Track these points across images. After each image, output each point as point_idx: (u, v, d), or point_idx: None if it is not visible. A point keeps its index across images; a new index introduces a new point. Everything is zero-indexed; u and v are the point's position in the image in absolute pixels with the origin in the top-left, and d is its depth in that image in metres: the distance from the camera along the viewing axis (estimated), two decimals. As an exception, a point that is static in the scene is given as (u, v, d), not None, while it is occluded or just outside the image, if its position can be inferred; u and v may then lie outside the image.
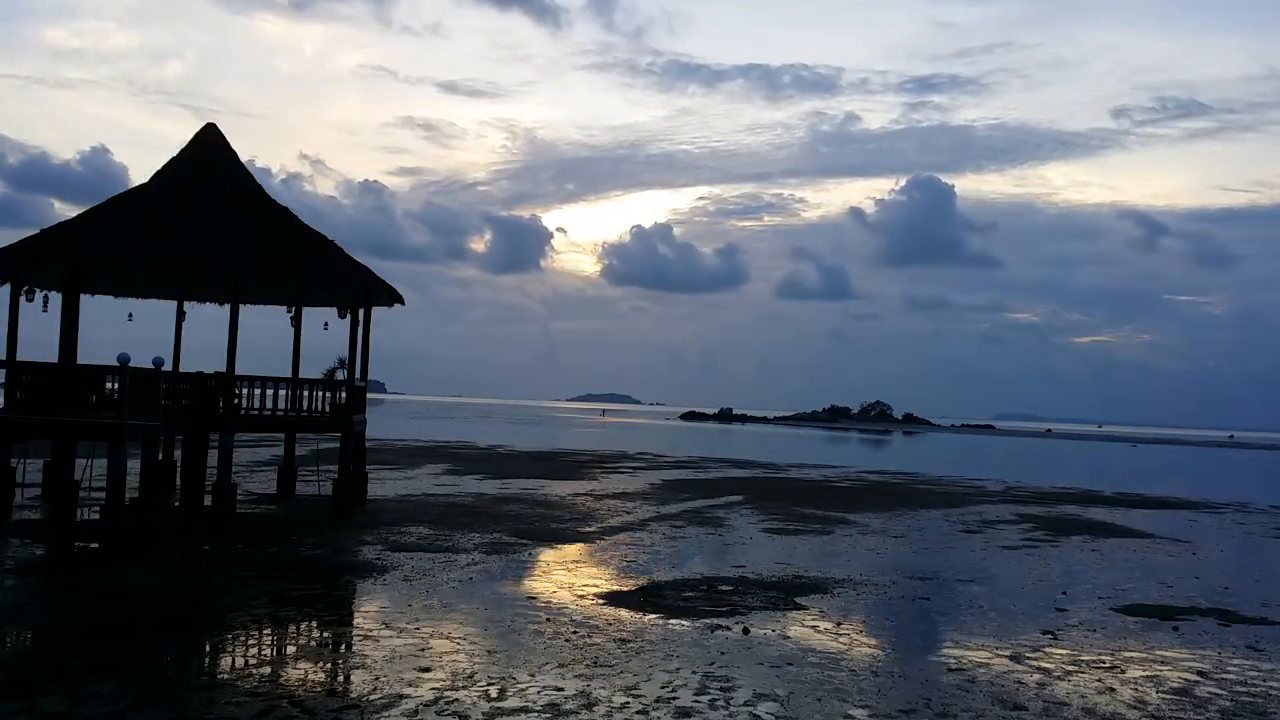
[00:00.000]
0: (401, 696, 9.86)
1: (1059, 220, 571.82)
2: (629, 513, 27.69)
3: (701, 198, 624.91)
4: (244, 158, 25.93)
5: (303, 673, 10.72)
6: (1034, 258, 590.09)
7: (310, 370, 30.58)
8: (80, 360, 22.57)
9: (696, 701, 10.14)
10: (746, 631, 13.47)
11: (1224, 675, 12.25)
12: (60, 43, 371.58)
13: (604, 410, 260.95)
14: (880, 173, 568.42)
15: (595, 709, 9.73)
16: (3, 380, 19.35)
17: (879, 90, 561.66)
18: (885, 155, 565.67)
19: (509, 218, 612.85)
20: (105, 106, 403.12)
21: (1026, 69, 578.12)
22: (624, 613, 14.43)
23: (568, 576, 17.38)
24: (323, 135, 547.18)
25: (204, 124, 26.18)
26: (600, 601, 15.23)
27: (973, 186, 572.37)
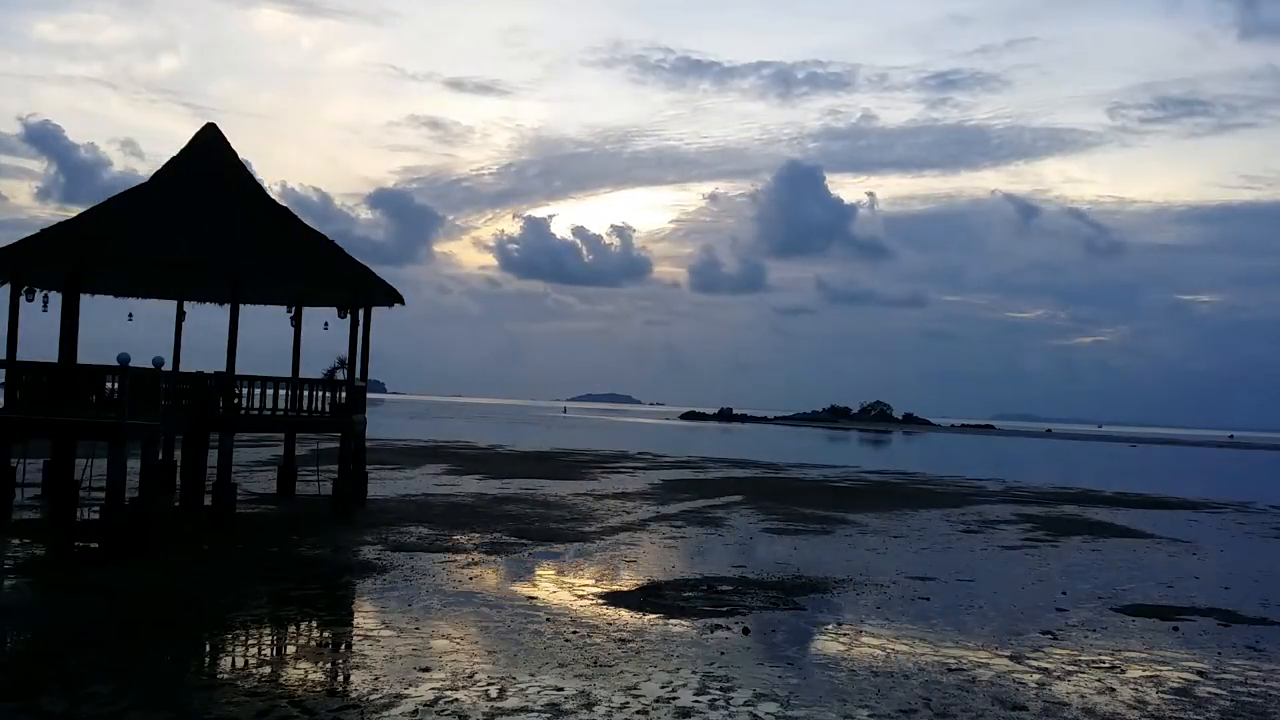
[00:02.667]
0: (401, 696, 9.86)
1: (1057, 217, 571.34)
2: (629, 513, 27.69)
3: (707, 195, 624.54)
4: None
5: (303, 673, 10.72)
6: (1034, 255, 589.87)
7: (310, 370, 30.57)
8: (80, 360, 22.58)
9: (696, 701, 10.14)
10: (746, 631, 13.48)
11: (1224, 675, 12.25)
12: (50, 36, 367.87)
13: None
14: (887, 170, 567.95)
15: (595, 709, 9.74)
16: (3, 380, 19.35)
17: (872, 88, 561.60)
18: (871, 152, 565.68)
19: (513, 216, 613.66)
20: (97, 102, 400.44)
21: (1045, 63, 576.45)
22: (624, 613, 14.44)
23: (568, 576, 17.38)
24: (321, 132, 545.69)
25: (205, 123, 26.19)
26: (600, 601, 15.23)
27: (969, 183, 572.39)
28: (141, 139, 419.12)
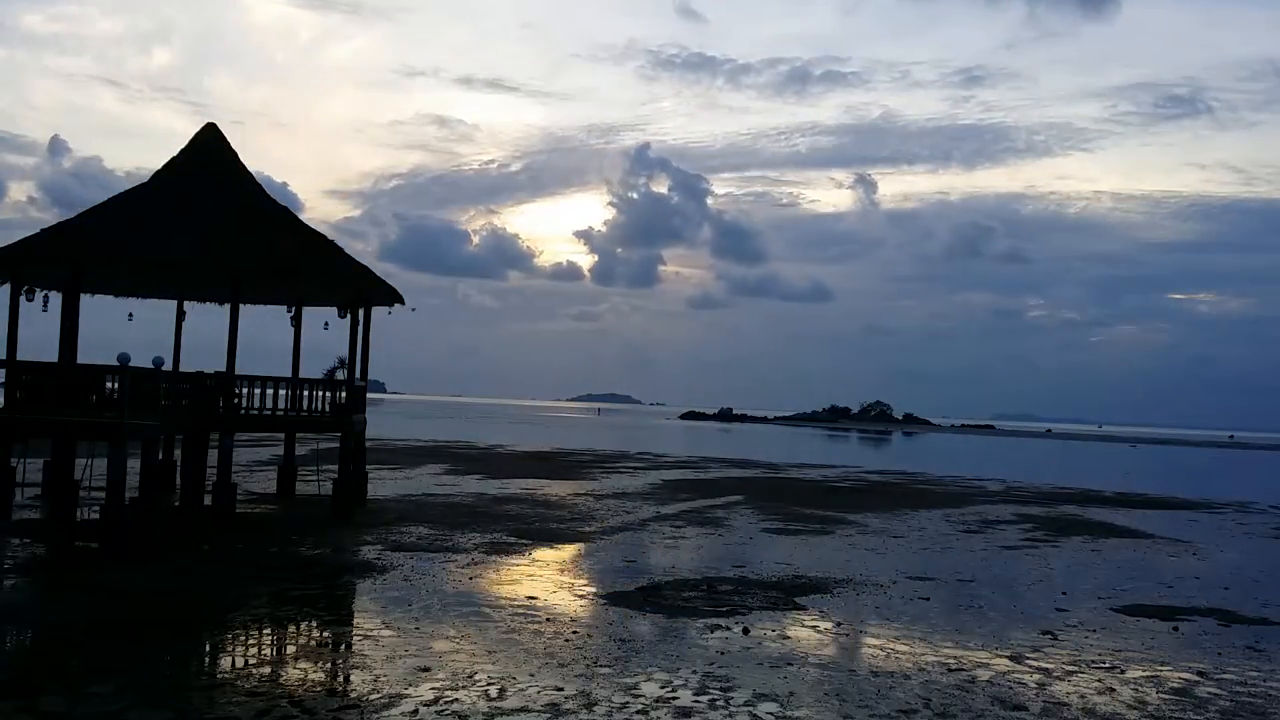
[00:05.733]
0: (401, 696, 9.86)
1: (1059, 216, 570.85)
2: (629, 513, 27.68)
3: (715, 194, 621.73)
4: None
5: (303, 673, 10.72)
6: (1035, 254, 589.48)
7: (310, 370, 30.57)
8: (80, 360, 22.57)
9: (696, 701, 10.14)
10: (746, 631, 13.48)
11: (1224, 675, 12.25)
12: (38, 28, 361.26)
13: (599, 409, 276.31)
14: (888, 166, 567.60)
15: (595, 709, 9.73)
16: (3, 380, 19.34)
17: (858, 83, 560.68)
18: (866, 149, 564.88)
19: (518, 213, 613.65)
20: (88, 97, 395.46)
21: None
22: (624, 613, 14.44)
23: (568, 576, 17.39)
24: (316, 129, 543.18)
25: (205, 123, 26.19)
26: (600, 601, 15.23)
27: (976, 181, 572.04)
28: (134, 137, 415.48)
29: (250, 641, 12.46)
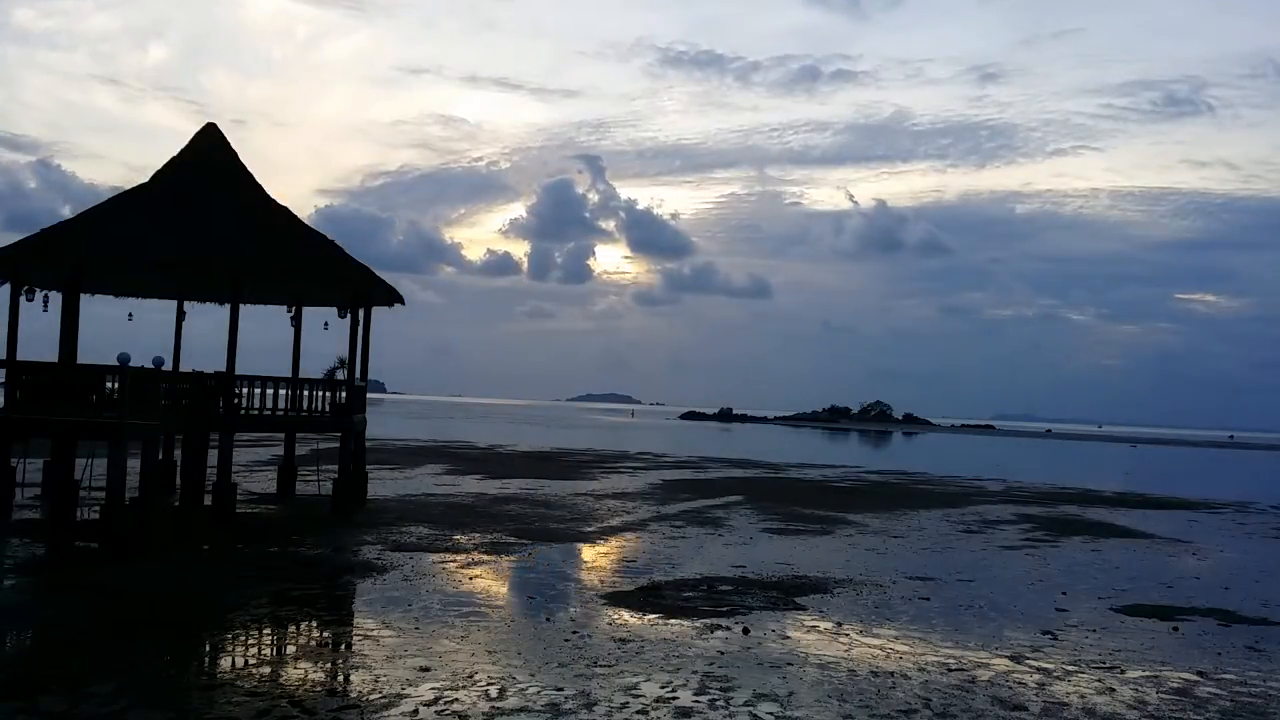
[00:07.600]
0: (401, 696, 9.86)
1: (1058, 214, 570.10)
2: (629, 513, 27.69)
3: (722, 196, 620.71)
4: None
5: (303, 673, 10.72)
6: (1036, 254, 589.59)
7: (310, 370, 30.57)
8: (80, 360, 22.58)
9: (696, 701, 10.14)
10: (746, 631, 13.48)
11: (1224, 675, 12.25)
12: (30, 24, 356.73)
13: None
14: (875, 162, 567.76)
15: (595, 709, 9.73)
16: (3, 380, 19.35)
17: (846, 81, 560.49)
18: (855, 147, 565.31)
19: (524, 209, 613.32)
20: (82, 94, 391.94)
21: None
22: (624, 613, 14.44)
23: (567, 576, 17.39)
24: (313, 126, 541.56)
25: (205, 123, 26.20)
26: (600, 601, 15.23)
27: (962, 180, 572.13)
28: (130, 135, 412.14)
29: (250, 641, 12.46)
